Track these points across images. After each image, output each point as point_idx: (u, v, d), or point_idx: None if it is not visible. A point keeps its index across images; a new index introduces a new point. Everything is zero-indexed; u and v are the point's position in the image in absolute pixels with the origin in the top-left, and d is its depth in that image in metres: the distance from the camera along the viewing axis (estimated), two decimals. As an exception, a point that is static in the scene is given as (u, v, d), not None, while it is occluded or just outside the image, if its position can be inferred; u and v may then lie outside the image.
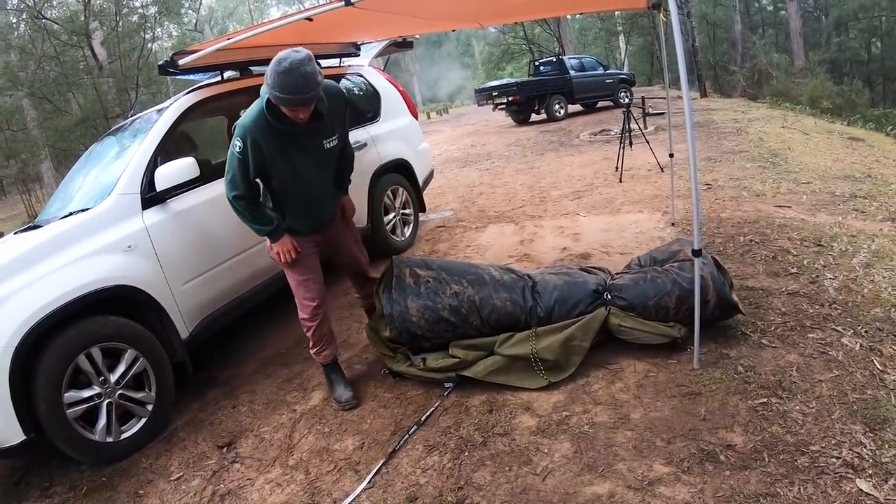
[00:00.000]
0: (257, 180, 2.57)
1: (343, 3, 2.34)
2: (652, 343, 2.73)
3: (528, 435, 2.35)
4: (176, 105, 3.37)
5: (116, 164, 3.25)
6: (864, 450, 1.96)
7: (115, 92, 14.96)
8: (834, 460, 1.94)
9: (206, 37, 23.43)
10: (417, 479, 2.22)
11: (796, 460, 1.96)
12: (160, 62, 3.35)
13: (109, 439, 2.68)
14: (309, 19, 2.62)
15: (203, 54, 3.10)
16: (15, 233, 3.58)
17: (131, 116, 3.86)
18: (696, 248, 2.54)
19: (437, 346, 2.90)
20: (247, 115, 2.45)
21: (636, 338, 2.75)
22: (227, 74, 3.76)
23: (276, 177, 2.56)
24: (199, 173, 3.09)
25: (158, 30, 17.75)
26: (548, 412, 2.47)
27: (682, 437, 2.17)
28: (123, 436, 2.75)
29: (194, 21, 21.67)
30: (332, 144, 2.63)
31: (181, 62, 3.19)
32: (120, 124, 3.95)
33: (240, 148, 2.41)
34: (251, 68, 3.87)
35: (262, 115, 2.40)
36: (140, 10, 16.60)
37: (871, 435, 2.03)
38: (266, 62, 3.99)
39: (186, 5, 19.45)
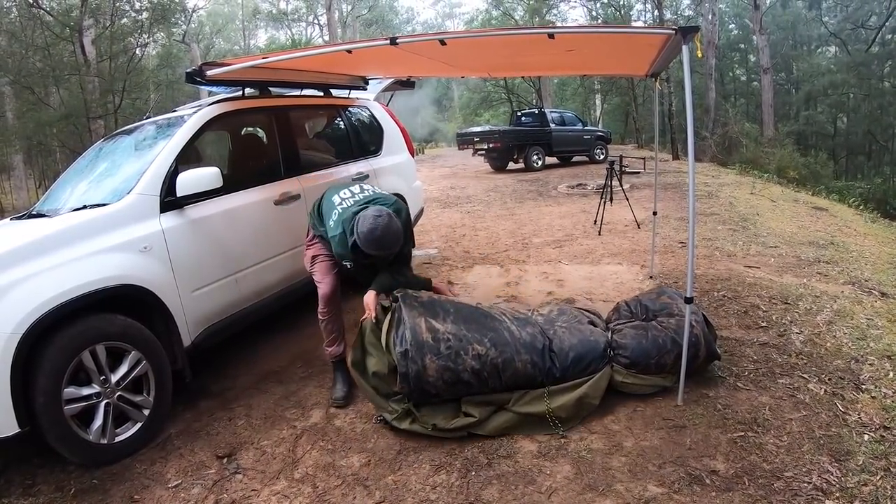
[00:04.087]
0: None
1: (388, 42, 2.52)
2: (646, 393, 2.92)
3: (531, 458, 2.49)
4: (201, 113, 3.45)
5: (134, 163, 3.29)
6: (832, 476, 2.24)
7: (99, 93, 14.72)
8: (805, 484, 2.20)
9: (192, 51, 23.44)
10: (428, 496, 2.31)
11: (773, 484, 2.22)
12: (188, 69, 3.46)
13: (104, 441, 2.65)
14: (349, 52, 2.79)
15: (233, 69, 3.25)
16: (11, 219, 3.53)
17: (146, 119, 3.92)
18: (688, 295, 2.80)
19: (445, 400, 2.80)
20: (344, 248, 2.98)
21: (633, 391, 2.91)
22: (247, 91, 3.90)
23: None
24: (221, 184, 3.17)
25: (147, 37, 17.67)
26: (547, 439, 2.63)
27: (671, 463, 2.38)
28: (118, 438, 2.72)
29: (183, 33, 21.64)
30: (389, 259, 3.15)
31: (210, 73, 3.31)
32: (132, 125, 3.99)
33: (350, 265, 3.05)
34: (270, 88, 4.03)
35: (354, 253, 2.95)
36: (134, 14, 16.54)
37: (837, 464, 2.31)
38: (287, 84, 4.23)
39: (181, 18, 19.50)
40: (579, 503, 2.18)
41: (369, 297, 3.05)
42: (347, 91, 4.93)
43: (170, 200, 3.08)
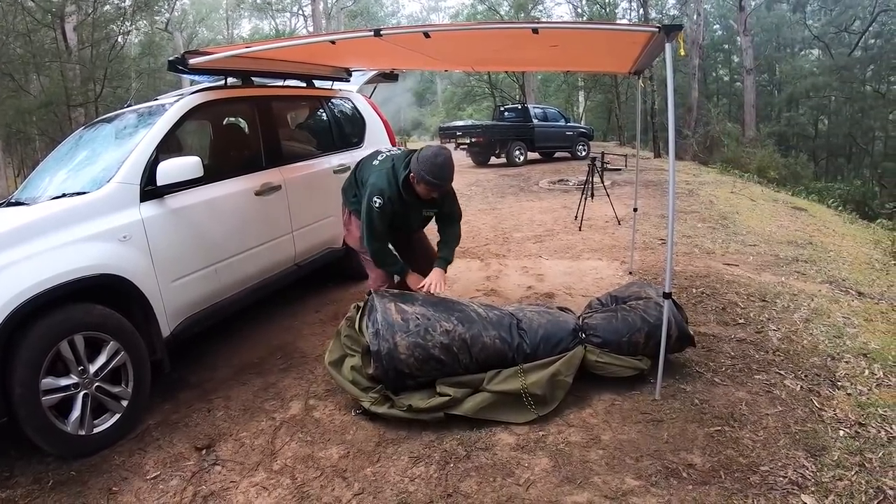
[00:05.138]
0: None
1: (372, 33, 2.51)
2: (623, 375, 2.95)
3: (509, 450, 2.51)
4: (183, 102, 3.42)
5: (114, 152, 3.25)
6: (807, 471, 2.28)
7: (80, 80, 14.48)
8: (781, 479, 2.24)
9: (175, 39, 23.13)
10: (406, 487, 2.32)
11: (749, 478, 2.25)
12: (170, 58, 3.43)
13: (82, 432, 2.61)
14: (332, 42, 2.78)
15: (215, 58, 3.22)
16: None
17: (127, 107, 3.87)
18: (666, 290, 2.84)
19: (421, 384, 2.86)
20: (384, 182, 3.06)
21: (610, 372, 2.95)
22: (229, 81, 3.87)
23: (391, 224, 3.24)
24: (202, 174, 3.13)
25: (129, 24, 17.38)
26: (525, 431, 2.64)
27: (648, 457, 2.41)
28: (96, 430, 2.68)
29: (166, 22, 21.34)
30: (428, 213, 3.35)
31: (192, 61, 3.28)
32: (113, 113, 3.94)
33: (380, 204, 3.04)
34: (252, 78, 4.00)
35: (397, 187, 3.07)
36: (117, 2, 16.27)
37: (813, 459, 2.36)
38: (269, 74, 4.19)
39: (164, 6, 19.23)
40: (557, 495, 2.20)
41: (438, 276, 3.24)
42: (330, 82, 4.91)
43: (150, 189, 3.05)
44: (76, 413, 2.59)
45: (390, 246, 3.42)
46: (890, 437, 2.49)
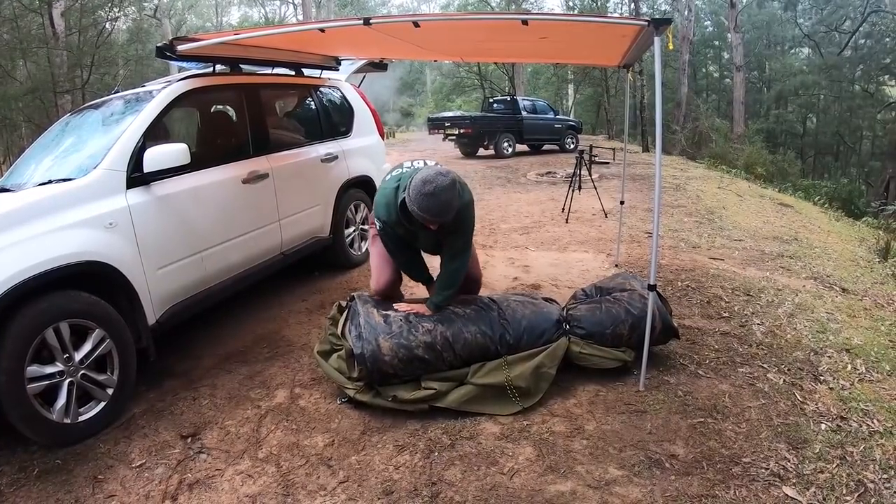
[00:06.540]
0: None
1: (362, 22, 2.50)
2: (607, 367, 2.98)
3: (493, 440, 2.53)
4: (170, 89, 3.38)
5: (101, 138, 3.22)
6: (789, 463, 2.32)
7: (67, 67, 14.29)
8: (763, 470, 2.28)
9: (163, 26, 22.85)
10: (391, 475, 2.34)
11: (731, 469, 2.29)
12: (158, 44, 3.40)
13: (67, 420, 2.59)
14: (321, 30, 2.76)
15: (204, 44, 3.20)
16: None
17: (115, 93, 3.83)
18: (651, 283, 2.87)
19: (407, 381, 2.85)
20: (382, 206, 2.86)
21: (594, 363, 2.97)
22: (218, 68, 3.85)
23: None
24: (189, 160, 3.11)
25: (117, 10, 17.14)
26: (509, 421, 2.67)
27: (631, 447, 2.44)
28: (81, 418, 2.67)
29: (154, 8, 21.07)
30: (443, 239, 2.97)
31: (180, 48, 3.26)
32: (100, 99, 3.90)
33: (381, 227, 2.95)
34: (241, 66, 3.97)
35: (396, 213, 2.80)
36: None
37: (794, 452, 2.39)
38: (258, 62, 4.17)
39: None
40: (540, 484, 2.23)
41: (413, 308, 2.97)
42: (319, 71, 4.89)
43: (136, 176, 3.02)
44: (61, 401, 2.57)
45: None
46: (871, 431, 2.54)
